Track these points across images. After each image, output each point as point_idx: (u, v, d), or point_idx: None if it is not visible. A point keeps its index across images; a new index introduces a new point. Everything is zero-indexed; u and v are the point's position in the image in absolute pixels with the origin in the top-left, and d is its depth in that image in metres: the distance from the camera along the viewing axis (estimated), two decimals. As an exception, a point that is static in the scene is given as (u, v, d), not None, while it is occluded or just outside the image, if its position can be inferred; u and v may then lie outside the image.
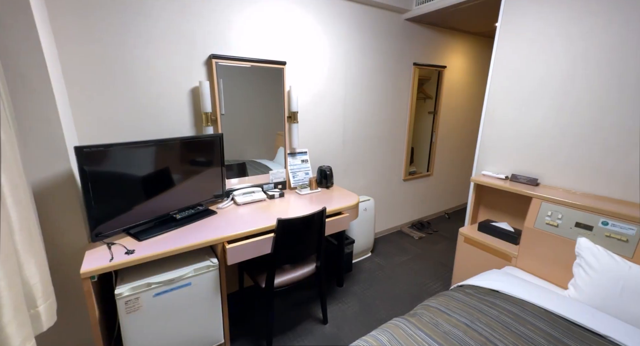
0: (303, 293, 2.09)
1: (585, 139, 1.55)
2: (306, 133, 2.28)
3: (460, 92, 3.29)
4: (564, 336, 1.09)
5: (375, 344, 1.10)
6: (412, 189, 3.16)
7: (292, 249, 1.55)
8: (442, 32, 2.90)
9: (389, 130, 2.79)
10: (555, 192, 1.62)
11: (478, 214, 2.15)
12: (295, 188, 2.17)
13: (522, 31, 1.75)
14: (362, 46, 2.38)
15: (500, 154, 1.95)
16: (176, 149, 1.53)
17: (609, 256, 1.28)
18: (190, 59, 1.68)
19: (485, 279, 1.49)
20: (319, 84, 2.24)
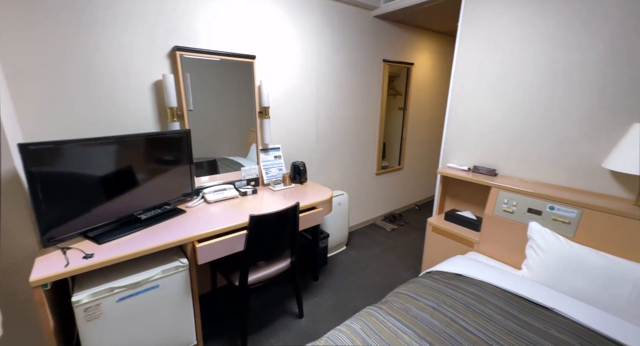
0: (278, 289, 2.09)
1: (536, 133, 1.69)
2: (279, 129, 2.25)
3: (427, 89, 3.43)
4: (518, 312, 1.20)
5: (349, 332, 1.13)
6: (384, 183, 3.25)
7: (266, 246, 1.53)
8: (409, 30, 3.00)
9: (361, 125, 2.84)
10: (510, 181, 1.76)
11: (445, 205, 2.27)
12: (268, 184, 2.15)
13: (481, 31, 1.85)
14: (333, 42, 2.40)
15: (464, 147, 2.07)
16: (139, 146, 1.45)
17: (555, 237, 1.42)
18: (152, 51, 1.59)
19: (450, 265, 1.59)
20: (291, 79, 2.23)
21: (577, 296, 1.26)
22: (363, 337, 1.11)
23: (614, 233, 1.32)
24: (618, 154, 1.31)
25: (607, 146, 1.44)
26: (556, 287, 1.34)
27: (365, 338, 1.10)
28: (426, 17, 2.67)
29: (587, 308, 1.18)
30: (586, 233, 1.40)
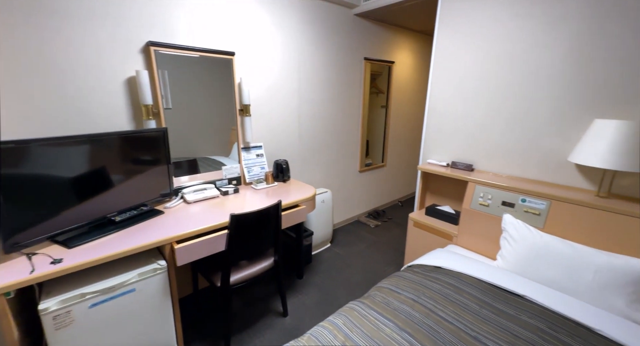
0: (262, 288, 2.07)
1: (508, 129, 1.76)
2: (261, 127, 2.23)
3: (408, 87, 3.50)
4: (492, 300, 1.25)
5: (331, 328, 1.14)
6: (367, 180, 3.30)
7: (248, 245, 1.52)
8: (390, 29, 3.04)
9: (344, 123, 2.86)
10: (486, 176, 1.83)
11: (425, 200, 2.33)
12: (250, 183, 2.12)
13: (457, 31, 1.91)
14: (314, 40, 2.39)
15: (442, 144, 2.13)
16: (113, 145, 1.39)
17: (526, 228, 1.49)
18: (124, 46, 1.52)
19: (430, 258, 1.63)
20: (272, 77, 2.20)
21: (546, 283, 1.33)
22: (345, 332, 1.12)
23: (578, 222, 1.40)
24: (581, 149, 1.40)
25: (572, 141, 1.52)
26: (528, 275, 1.41)
27: (348, 332, 1.12)
28: (405, 16, 2.72)
29: (554, 294, 1.25)
30: (554, 223, 1.48)
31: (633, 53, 1.31)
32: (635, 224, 1.24)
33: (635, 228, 1.25)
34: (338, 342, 1.07)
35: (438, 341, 1.06)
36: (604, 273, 1.20)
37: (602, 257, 1.23)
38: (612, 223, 1.30)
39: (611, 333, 1.05)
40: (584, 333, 1.06)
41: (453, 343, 1.05)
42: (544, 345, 1.02)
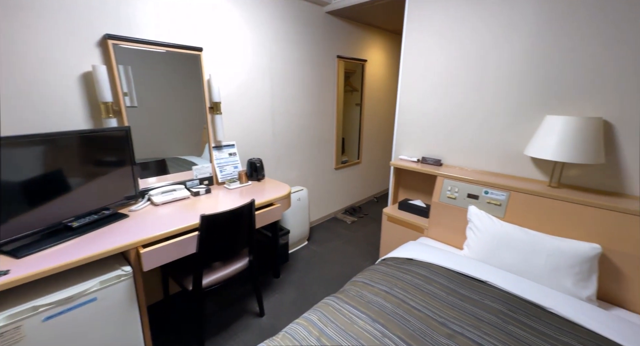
0: (237, 289, 2.04)
1: (472, 125, 1.86)
2: (232, 125, 2.18)
3: (381, 85, 3.58)
4: (458, 287, 1.32)
5: (306, 324, 1.15)
6: (343, 177, 3.34)
7: (221, 246, 1.48)
8: (362, 28, 3.08)
9: (318, 121, 2.87)
10: (453, 170, 1.92)
11: (398, 195, 2.40)
12: (223, 182, 2.07)
13: (424, 30, 1.98)
14: (286, 37, 2.37)
15: (413, 140, 2.20)
16: (69, 145, 1.29)
17: (489, 218, 1.58)
18: (77, 39, 1.41)
19: (402, 251, 1.69)
20: (243, 74, 2.16)
21: (507, 268, 1.43)
22: (320, 327, 1.13)
23: (533, 210, 1.51)
24: (535, 143, 1.51)
25: (526, 135, 1.64)
26: (491, 262, 1.50)
27: (323, 327, 1.13)
28: (376, 15, 2.77)
29: (513, 278, 1.35)
30: (513, 213, 1.59)
31: (579, 55, 1.43)
32: (581, 210, 1.37)
33: (581, 214, 1.37)
34: (313, 338, 1.08)
35: (408, 329, 1.10)
36: (554, 257, 1.31)
37: (553, 242, 1.34)
38: (561, 210, 1.42)
39: (561, 310, 1.15)
40: (539, 313, 1.16)
41: (422, 330, 1.09)
42: (505, 326, 1.09)
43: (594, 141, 1.33)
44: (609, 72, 1.36)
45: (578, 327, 1.08)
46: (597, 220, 1.32)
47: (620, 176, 1.40)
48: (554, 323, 1.10)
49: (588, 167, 1.48)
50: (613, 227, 1.29)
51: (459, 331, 1.08)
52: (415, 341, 1.05)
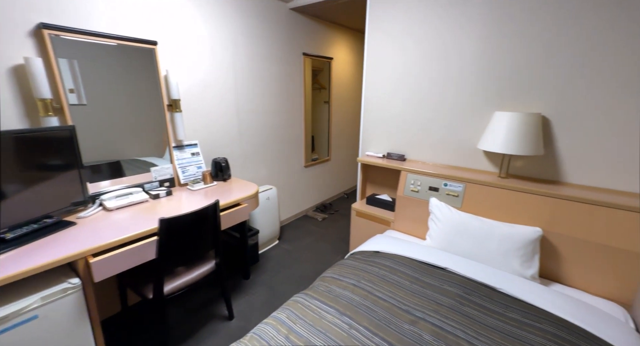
0: (205, 293, 1.96)
1: (432, 121, 1.96)
2: (195, 123, 2.08)
3: (348, 83, 3.63)
4: (421, 275, 1.39)
5: (274, 323, 1.14)
6: (313, 175, 3.35)
7: (183, 250, 1.41)
8: (327, 26, 3.10)
9: (286, 119, 2.84)
10: (415, 164, 2.01)
11: (366, 190, 2.46)
12: (186, 184, 1.97)
13: (385, 30, 2.03)
14: (249, 33, 2.31)
15: (379, 136, 2.26)
16: (1, 147, 1.15)
17: (448, 209, 1.68)
18: (5, 28, 1.26)
19: (369, 244, 1.74)
20: (203, 70, 2.06)
21: (464, 254, 1.53)
22: (289, 325, 1.12)
23: (486, 200, 1.64)
24: (486, 137, 1.63)
25: (479, 130, 1.76)
26: (450, 250, 1.59)
27: (291, 325, 1.12)
28: (340, 13, 2.80)
29: (469, 263, 1.45)
30: (469, 203, 1.70)
31: (521, 57, 1.56)
32: (525, 198, 1.50)
33: (525, 201, 1.51)
34: (282, 336, 1.07)
35: (374, 319, 1.13)
36: (504, 241, 1.43)
37: (503, 228, 1.46)
38: (509, 198, 1.56)
39: (509, 289, 1.26)
40: (491, 293, 1.26)
41: (387, 318, 1.14)
42: (461, 308, 1.17)
43: (535, 134, 1.47)
44: (546, 73, 1.51)
45: (523, 303, 1.19)
46: (538, 206, 1.47)
47: (557, 166, 1.56)
48: (503, 301, 1.20)
49: (531, 158, 1.64)
50: (551, 211, 1.43)
51: (421, 316, 1.14)
52: (381, 330, 1.09)
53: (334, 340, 1.04)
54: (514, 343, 1.00)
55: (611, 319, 1.12)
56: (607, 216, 1.30)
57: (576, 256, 1.39)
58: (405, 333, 1.07)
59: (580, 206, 1.36)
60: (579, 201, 1.36)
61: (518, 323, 1.09)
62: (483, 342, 1.01)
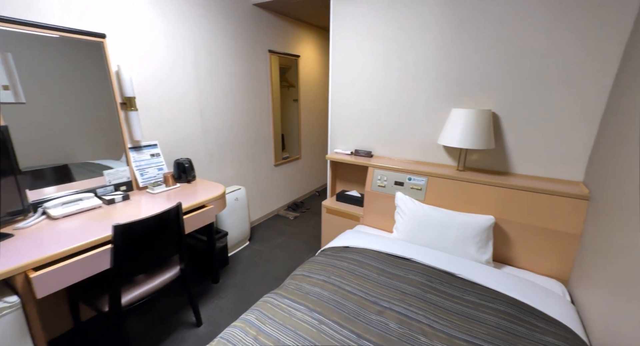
0: (170, 300, 1.87)
1: (396, 118, 2.03)
2: (154, 122, 1.96)
3: (316, 81, 3.64)
4: (387, 267, 1.44)
5: (243, 325, 1.11)
6: (284, 173, 3.32)
7: (143, 257, 1.33)
8: (293, 23, 3.07)
9: (254, 117, 2.78)
10: (382, 160, 2.07)
11: (336, 187, 2.49)
12: (145, 187, 1.85)
13: (348, 29, 2.06)
14: (210, 28, 2.22)
15: (346, 134, 2.30)
16: None
17: (412, 202, 1.76)
18: None
19: (339, 240, 1.76)
20: (161, 66, 1.95)
21: (427, 244, 1.62)
22: (258, 326, 1.11)
23: (446, 192, 1.74)
24: (445, 133, 1.72)
25: (439, 127, 1.86)
26: (415, 241, 1.67)
27: (260, 326, 1.11)
28: (304, 10, 2.79)
29: (432, 252, 1.53)
30: (431, 195, 1.79)
31: (474, 56, 1.67)
32: (480, 188, 1.62)
33: (480, 192, 1.62)
34: (250, 338, 1.05)
35: (344, 312, 1.15)
36: (462, 230, 1.53)
37: (461, 218, 1.56)
38: (466, 190, 1.66)
39: (467, 275, 1.35)
40: (451, 279, 1.34)
41: (356, 311, 1.16)
42: (424, 295, 1.24)
43: (486, 129, 1.58)
44: (494, 72, 1.63)
45: (479, 286, 1.28)
46: (491, 196, 1.58)
47: (507, 158, 1.70)
48: (462, 285, 1.29)
49: (484, 152, 1.76)
50: (502, 200, 1.56)
51: (387, 306, 1.18)
52: (350, 322, 1.11)
53: (303, 336, 1.05)
54: (470, 323, 1.08)
55: (551, 294, 1.25)
56: (548, 202, 1.44)
57: (523, 240, 1.52)
58: (372, 323, 1.10)
59: (526, 195, 1.49)
60: (525, 190, 1.50)
61: (474, 304, 1.17)
62: (443, 325, 1.07)
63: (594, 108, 1.43)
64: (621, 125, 1.18)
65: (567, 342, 0.98)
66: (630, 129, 1.09)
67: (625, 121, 1.14)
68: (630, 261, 0.91)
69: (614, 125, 1.25)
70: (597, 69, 1.38)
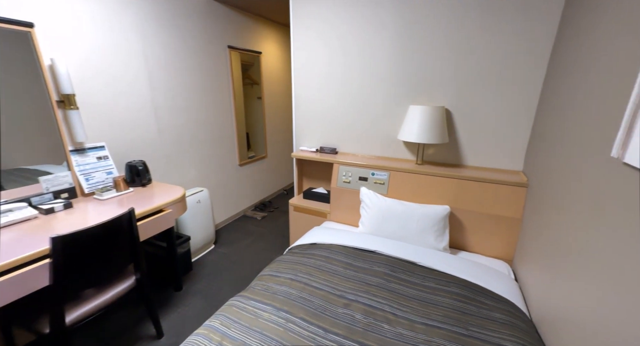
0: (128, 313, 1.73)
1: (358, 115, 2.07)
2: (100, 122, 1.79)
3: (280, 78, 3.59)
4: (353, 260, 1.47)
5: (206, 332, 1.07)
6: (250, 173, 3.24)
7: (90, 270, 1.21)
8: (254, 19, 2.99)
9: (215, 116, 2.67)
10: (346, 157, 2.10)
11: (303, 185, 2.49)
12: (92, 193, 1.69)
13: (308, 27, 2.06)
14: (161, 20, 2.07)
15: (311, 131, 2.30)
16: None
17: (375, 196, 1.82)
18: None
19: (307, 237, 1.77)
20: (105, 60, 1.78)
21: (390, 236, 1.68)
22: (222, 331, 1.07)
23: (407, 185, 1.82)
24: (403, 129, 1.80)
25: (398, 122, 1.94)
26: (379, 234, 1.73)
27: (225, 330, 1.07)
28: (264, 5, 2.73)
29: (394, 243, 1.60)
30: (393, 189, 1.87)
31: (426, 55, 1.76)
32: (436, 180, 1.72)
33: (436, 184, 1.72)
34: (214, 344, 1.01)
35: (311, 309, 1.16)
36: (422, 220, 1.61)
37: (420, 209, 1.65)
38: (425, 182, 1.76)
39: (426, 262, 1.43)
40: (412, 268, 1.41)
41: (323, 306, 1.18)
42: (387, 284, 1.29)
43: (441, 125, 1.68)
44: (445, 71, 1.73)
45: (436, 272, 1.37)
46: (446, 187, 1.69)
47: (459, 151, 1.83)
48: (422, 273, 1.36)
49: (439, 146, 1.87)
50: (455, 191, 1.67)
51: (353, 299, 1.21)
52: (317, 318, 1.12)
53: (270, 337, 1.03)
54: (428, 307, 1.14)
55: (499, 274, 1.37)
56: (494, 191, 1.58)
57: (475, 227, 1.65)
58: (339, 316, 1.12)
59: (475, 185, 1.62)
60: (474, 180, 1.62)
61: (432, 289, 1.25)
62: (404, 311, 1.13)
63: (530, 103, 1.59)
64: (549, 117, 1.32)
65: (510, 316, 1.09)
66: (555, 120, 1.23)
67: (552, 113, 1.29)
68: (556, 240, 1.03)
69: (544, 117, 1.40)
70: (531, 67, 1.54)
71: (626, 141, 0.69)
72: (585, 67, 1.04)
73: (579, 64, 1.10)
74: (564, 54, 1.29)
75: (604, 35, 0.93)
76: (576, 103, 1.07)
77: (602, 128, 0.85)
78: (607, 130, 0.82)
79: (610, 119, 0.81)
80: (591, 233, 0.82)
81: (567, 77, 1.20)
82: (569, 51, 1.23)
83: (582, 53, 1.09)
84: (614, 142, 0.73)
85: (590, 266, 0.80)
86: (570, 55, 1.20)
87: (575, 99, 1.08)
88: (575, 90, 1.10)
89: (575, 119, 1.06)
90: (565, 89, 1.20)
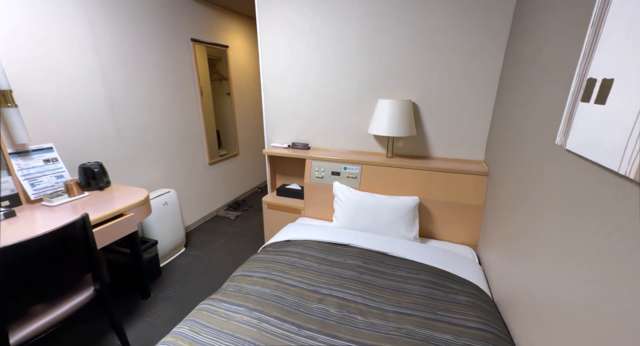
0: (87, 326, 1.61)
1: (329, 110, 2.06)
2: (46, 121, 1.63)
3: (248, 73, 3.49)
4: (327, 255, 1.47)
5: (174, 340, 1.02)
6: (221, 172, 3.13)
7: (38, 284, 1.10)
8: (220, 11, 2.86)
9: (181, 113, 2.53)
10: (319, 152, 2.09)
11: (276, 182, 2.45)
12: (40, 199, 1.54)
13: (275, 21, 2.00)
14: (111, 9, 1.91)
15: (282, 127, 2.25)
16: None
17: (348, 190, 1.83)
18: None
19: (280, 234, 1.74)
20: (50, 56, 1.61)
21: (363, 229, 1.71)
22: (192, 337, 1.02)
23: (378, 178, 1.85)
24: (373, 123, 1.82)
25: (368, 117, 1.96)
26: (352, 227, 1.75)
27: (195, 336, 1.03)
28: None
29: (367, 236, 1.62)
30: (365, 182, 1.89)
31: (392, 51, 1.79)
32: (406, 172, 1.77)
33: (406, 175, 1.77)
34: (182, 352, 0.96)
35: (284, 306, 1.14)
36: (392, 212, 1.65)
37: (391, 201, 1.69)
38: (395, 174, 1.80)
39: (398, 252, 1.47)
40: (384, 258, 1.44)
41: (297, 303, 1.16)
42: (360, 276, 1.30)
43: (408, 118, 1.72)
44: (411, 66, 1.77)
45: (407, 261, 1.41)
46: (415, 178, 1.75)
47: (426, 143, 1.89)
48: (394, 263, 1.40)
49: (408, 139, 1.92)
50: (423, 182, 1.73)
51: (327, 293, 1.21)
52: (291, 315, 1.10)
53: (242, 338, 1.00)
54: (399, 295, 1.17)
55: (464, 259, 1.44)
56: (459, 180, 1.65)
57: (442, 215, 1.72)
58: (313, 312, 1.12)
59: (442, 175, 1.69)
60: (440, 171, 1.69)
61: (403, 278, 1.28)
62: (377, 302, 1.15)
63: (489, 96, 1.67)
64: (504, 109, 1.40)
65: (474, 298, 1.15)
66: (509, 112, 1.30)
67: (506, 106, 1.36)
68: (512, 224, 1.10)
69: (501, 109, 1.48)
70: (489, 63, 1.61)
71: (567, 129, 0.74)
72: (531, 62, 1.11)
73: (526, 59, 1.17)
74: (515, 50, 1.37)
75: (547, 32, 0.99)
76: (525, 95, 1.13)
77: (547, 118, 0.91)
78: (551, 120, 0.87)
79: (553, 110, 0.87)
80: (540, 214, 0.88)
81: (518, 71, 1.27)
82: (519, 47, 1.30)
83: (529, 49, 1.16)
84: (558, 131, 0.79)
85: (540, 246, 0.86)
86: (520, 51, 1.28)
87: (524, 92, 1.15)
88: (524, 83, 1.17)
89: (525, 110, 1.12)
90: (516, 83, 1.27)
